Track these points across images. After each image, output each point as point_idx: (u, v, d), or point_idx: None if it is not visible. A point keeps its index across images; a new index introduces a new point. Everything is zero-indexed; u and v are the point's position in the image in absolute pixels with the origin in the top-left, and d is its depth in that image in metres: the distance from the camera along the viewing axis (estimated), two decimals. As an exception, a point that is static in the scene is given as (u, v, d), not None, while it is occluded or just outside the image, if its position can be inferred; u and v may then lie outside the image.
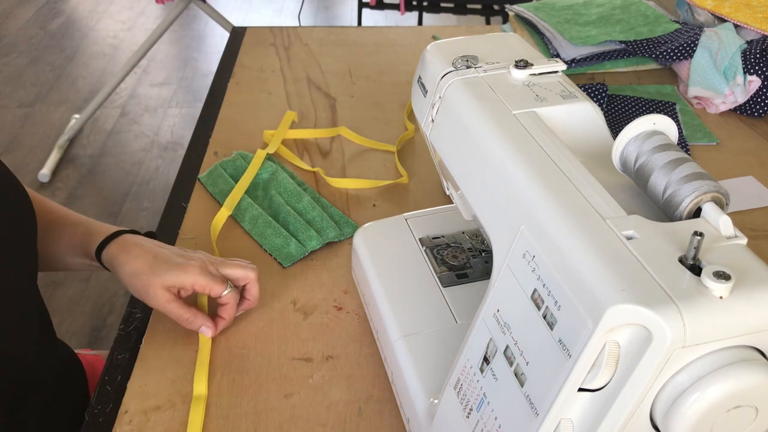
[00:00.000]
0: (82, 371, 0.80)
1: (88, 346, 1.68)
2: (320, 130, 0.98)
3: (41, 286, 0.67)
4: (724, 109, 1.04)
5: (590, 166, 0.44)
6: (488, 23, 2.49)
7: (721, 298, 0.33)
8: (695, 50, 1.07)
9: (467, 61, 0.56)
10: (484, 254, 0.65)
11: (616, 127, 1.00)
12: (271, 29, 1.29)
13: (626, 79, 1.13)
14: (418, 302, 0.60)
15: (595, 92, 1.04)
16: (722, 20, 1.11)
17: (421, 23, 2.71)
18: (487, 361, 0.43)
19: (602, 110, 1.02)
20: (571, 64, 1.10)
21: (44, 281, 1.81)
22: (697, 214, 0.40)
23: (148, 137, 2.48)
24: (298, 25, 2.35)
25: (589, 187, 0.41)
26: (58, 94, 2.72)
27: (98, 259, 0.66)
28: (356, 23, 2.89)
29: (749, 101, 1.02)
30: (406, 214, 0.70)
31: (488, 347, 0.43)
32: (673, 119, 0.61)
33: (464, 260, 0.64)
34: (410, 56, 1.21)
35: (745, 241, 0.37)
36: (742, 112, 1.03)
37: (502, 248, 0.44)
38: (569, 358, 0.35)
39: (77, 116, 2.46)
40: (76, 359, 0.80)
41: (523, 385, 0.39)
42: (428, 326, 0.58)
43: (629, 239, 0.37)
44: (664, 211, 0.42)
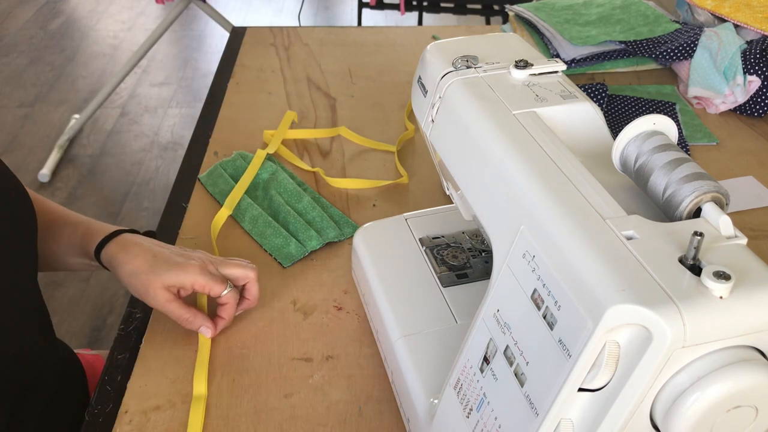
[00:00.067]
0: (81, 371, 0.80)
1: (88, 346, 1.68)
2: (320, 130, 0.98)
3: (41, 286, 0.67)
4: (724, 109, 1.04)
5: (590, 166, 0.44)
6: (488, 23, 2.49)
7: (721, 298, 0.33)
8: (695, 50, 1.07)
9: (467, 61, 0.56)
10: (484, 254, 0.65)
11: (616, 127, 1.00)
12: (271, 29, 1.29)
13: (626, 79, 1.13)
14: (418, 302, 0.60)
15: (595, 92, 1.04)
16: (722, 20, 1.11)
17: (421, 23, 2.71)
18: (487, 361, 0.43)
19: (602, 110, 1.02)
20: (571, 64, 1.10)
21: (44, 281, 1.80)
22: (697, 214, 0.40)
23: (148, 137, 2.48)
24: (298, 25, 2.35)
25: (589, 187, 0.41)
26: (58, 94, 2.72)
27: (97, 258, 0.66)
28: (356, 23, 2.89)
29: (749, 101, 1.02)
30: (406, 214, 0.70)
31: (488, 347, 0.43)
32: (673, 119, 0.61)
33: (464, 260, 0.64)
34: (410, 56, 1.21)
35: (745, 241, 0.37)
36: (742, 112, 1.03)
37: (502, 248, 0.44)
38: (569, 358, 0.35)
39: (77, 116, 2.46)
40: (75, 359, 0.80)
41: (523, 385, 0.39)
42: (428, 326, 0.58)
43: (629, 239, 0.37)
44: (664, 211, 0.42)
